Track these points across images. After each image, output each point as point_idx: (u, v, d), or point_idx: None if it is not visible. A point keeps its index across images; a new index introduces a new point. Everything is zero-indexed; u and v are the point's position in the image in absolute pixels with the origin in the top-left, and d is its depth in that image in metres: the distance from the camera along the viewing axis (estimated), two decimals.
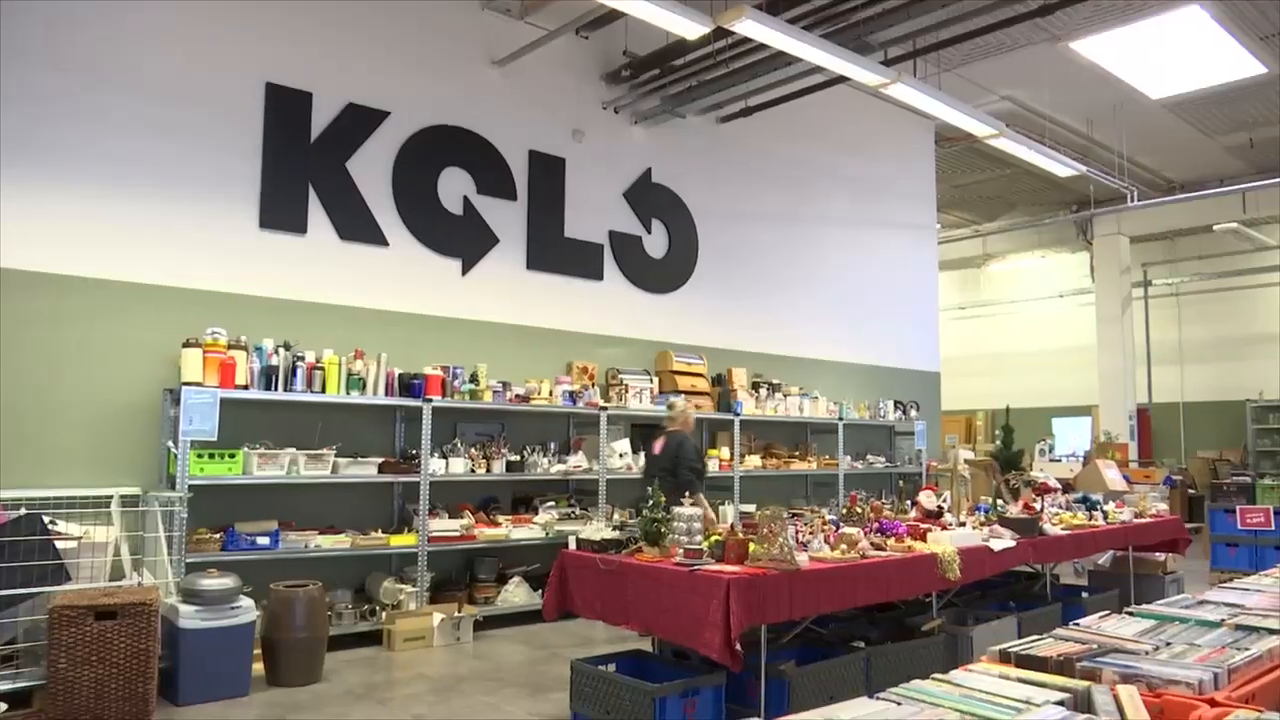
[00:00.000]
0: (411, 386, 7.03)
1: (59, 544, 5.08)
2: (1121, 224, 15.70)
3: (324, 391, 6.57)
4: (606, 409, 8.11)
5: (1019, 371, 18.26)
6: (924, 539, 5.25)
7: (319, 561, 6.52)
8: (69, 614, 4.51)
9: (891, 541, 5.09)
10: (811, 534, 4.82)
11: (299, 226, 6.99)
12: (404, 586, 6.76)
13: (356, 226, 7.28)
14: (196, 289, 6.49)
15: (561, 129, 8.66)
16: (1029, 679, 1.79)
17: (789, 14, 7.37)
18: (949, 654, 5.23)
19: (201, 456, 5.94)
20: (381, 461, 6.86)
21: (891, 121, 11.76)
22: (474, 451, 7.35)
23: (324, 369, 6.59)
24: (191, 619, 5.06)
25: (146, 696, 4.63)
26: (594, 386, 8.28)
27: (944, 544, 5.15)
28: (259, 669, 5.48)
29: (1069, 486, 8.89)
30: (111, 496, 5.75)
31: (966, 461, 10.96)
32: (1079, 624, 2.26)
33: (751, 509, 8.23)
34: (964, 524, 5.84)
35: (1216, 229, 15.11)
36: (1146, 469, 13.23)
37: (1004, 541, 5.60)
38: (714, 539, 4.57)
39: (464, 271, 7.90)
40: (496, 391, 7.53)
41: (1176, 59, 10.05)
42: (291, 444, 6.45)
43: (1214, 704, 1.55)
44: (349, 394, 6.70)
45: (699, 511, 4.59)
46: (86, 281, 6.03)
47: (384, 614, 6.56)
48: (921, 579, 4.98)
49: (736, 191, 10.13)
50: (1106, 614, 2.38)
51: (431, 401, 7.03)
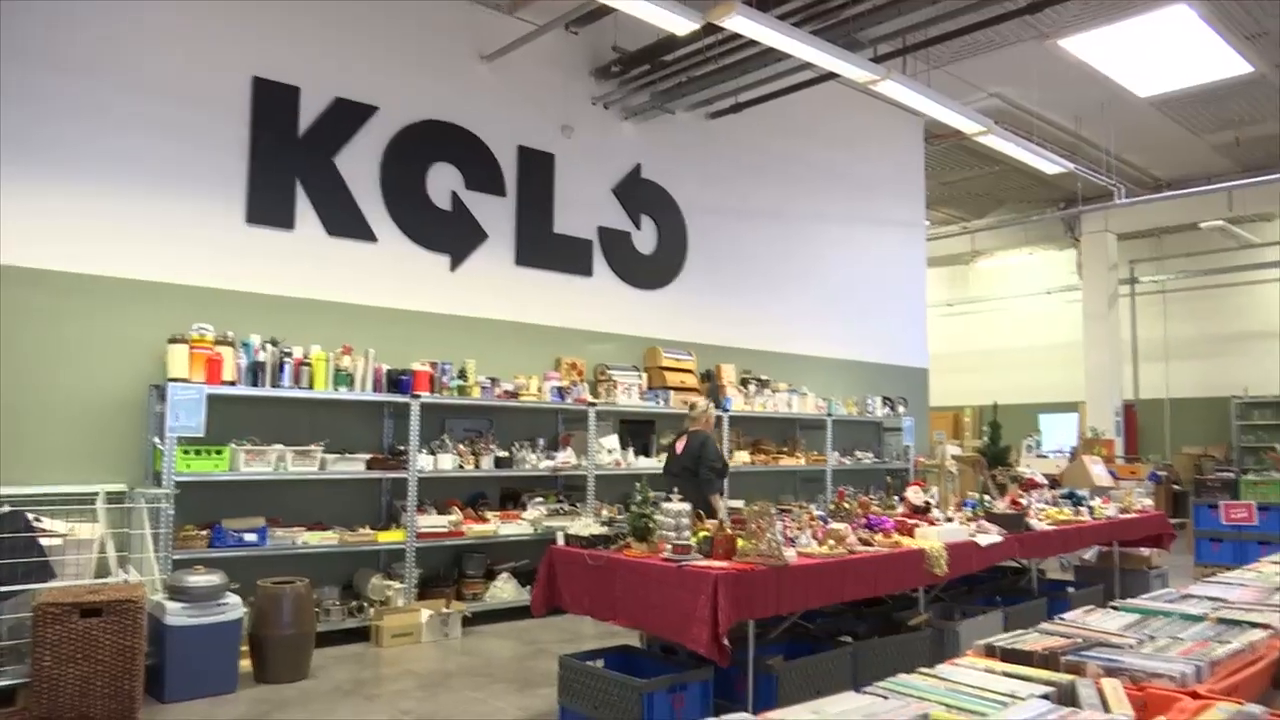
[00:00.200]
0: (400, 382, 7.01)
1: (44, 541, 5.06)
2: (1109, 221, 15.76)
3: (311, 388, 6.55)
4: (595, 405, 8.11)
5: (1006, 368, 18.31)
6: (911, 534, 5.28)
7: (306, 558, 6.50)
8: (54, 611, 4.49)
9: (879, 537, 5.11)
10: (799, 529, 4.83)
11: (286, 222, 6.96)
12: (392, 583, 6.75)
13: (344, 222, 7.25)
14: (183, 284, 6.45)
15: (551, 124, 8.65)
16: (1014, 673, 1.80)
17: (779, 10, 7.36)
18: (935, 648, 5.25)
19: (188, 453, 5.92)
20: (370, 458, 6.84)
21: (881, 118, 11.78)
22: (462, 447, 7.34)
23: (311, 365, 6.57)
24: (178, 616, 5.04)
25: (132, 694, 4.61)
26: (583, 382, 8.27)
27: (931, 539, 5.17)
28: (246, 666, 5.47)
29: (1055, 482, 8.94)
30: (97, 493, 5.71)
31: (954, 457, 11.02)
32: (1064, 618, 2.27)
33: (740, 504, 8.24)
34: (951, 520, 5.86)
35: (1203, 226, 15.19)
36: (1132, 465, 13.30)
37: (991, 537, 5.64)
38: (702, 535, 4.58)
39: (453, 267, 7.88)
40: (485, 387, 7.52)
41: (1164, 57, 10.09)
42: (279, 440, 6.43)
43: (1196, 696, 1.56)
44: (337, 390, 6.68)
45: (687, 507, 4.59)
46: (71, 277, 5.99)
47: (372, 610, 6.55)
48: (908, 574, 5.00)
49: (726, 188, 10.13)
50: (1091, 609, 2.39)
51: (420, 397, 7.01)
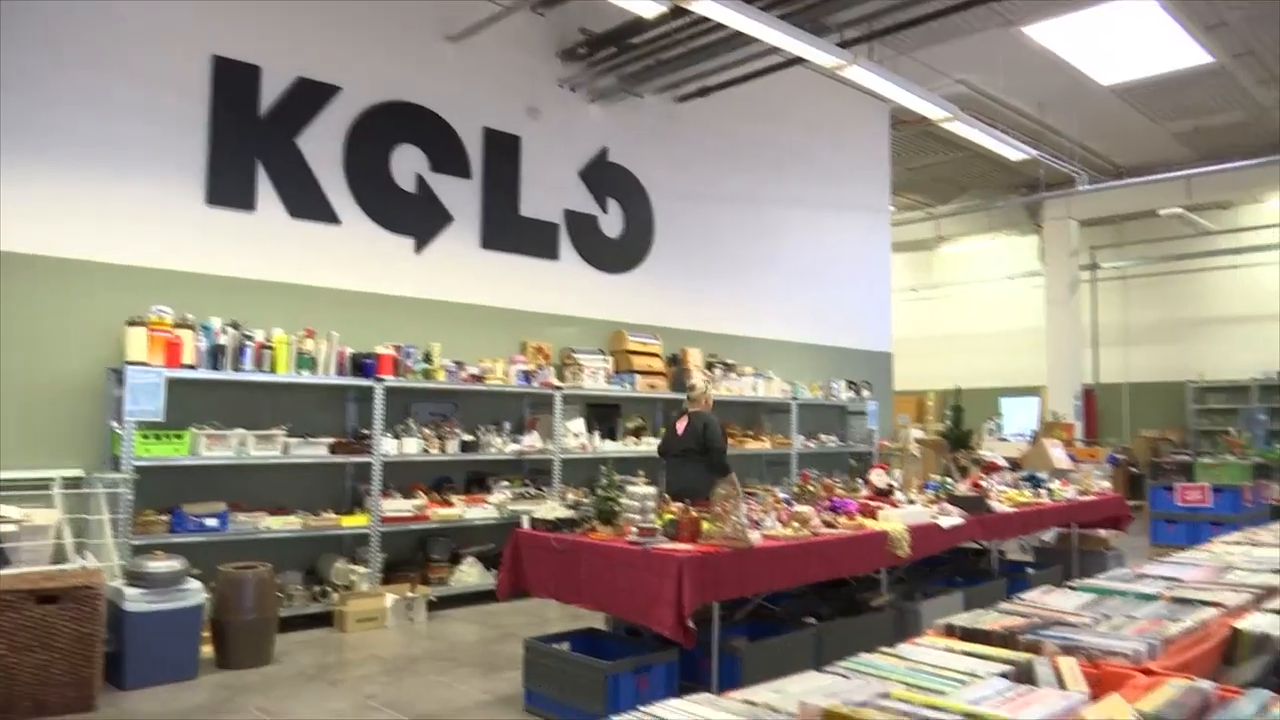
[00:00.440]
0: (364, 366, 6.95)
1: None
2: (1071, 208, 15.96)
3: (274, 371, 6.47)
4: (561, 389, 8.08)
5: (969, 352, 18.52)
6: (874, 517, 5.33)
7: (269, 543, 6.43)
8: (9, 599, 4.41)
9: (843, 519, 5.16)
10: (764, 512, 4.87)
11: (247, 203, 6.85)
12: (356, 567, 6.70)
13: (307, 203, 7.15)
14: (141, 266, 6.33)
15: (517, 107, 8.57)
16: (973, 652, 1.82)
17: None
18: (898, 629, 5.31)
19: (147, 437, 5.83)
20: (333, 442, 6.77)
21: (848, 104, 11.81)
22: (427, 431, 7.29)
23: (274, 348, 6.48)
24: (137, 602, 4.97)
25: (91, 681, 4.55)
26: (549, 366, 8.24)
27: (894, 522, 5.23)
28: (208, 652, 5.41)
29: (1016, 465, 9.07)
30: (53, 479, 5.61)
31: (917, 441, 11.14)
32: (1022, 598, 2.30)
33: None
34: (913, 502, 5.93)
35: (1162, 213, 15.44)
36: (1091, 448, 13.53)
37: (952, 519, 5.71)
38: (668, 518, 4.59)
39: (417, 250, 7.80)
40: (450, 371, 7.47)
41: (1127, 46, 10.21)
42: (240, 424, 6.34)
43: (1149, 673, 1.59)
44: (299, 373, 6.60)
45: (653, 491, 4.61)
46: (26, 259, 5.85)
47: (336, 595, 6.50)
48: (872, 556, 5.06)
49: (693, 172, 10.11)
50: (1049, 589, 2.43)
51: (384, 381, 6.95)
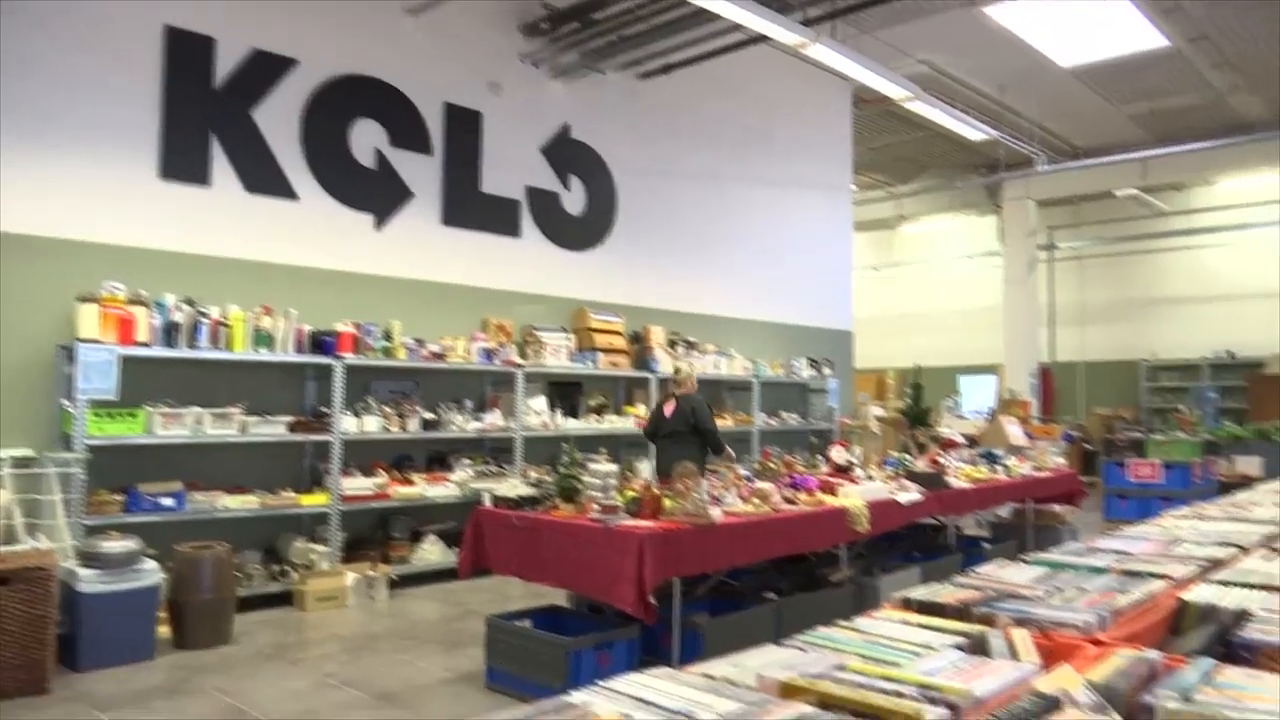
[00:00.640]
0: (323, 344, 6.86)
1: None
2: (1029, 188, 16.14)
3: (230, 349, 6.36)
4: (523, 366, 8.05)
5: (929, 330, 18.71)
6: (834, 493, 5.38)
7: (227, 523, 6.35)
8: None
9: (803, 496, 5.21)
10: (725, 489, 4.90)
11: (202, 178, 6.71)
12: (316, 546, 6.65)
13: (263, 178, 7.02)
14: (93, 242, 6.18)
15: (478, 82, 8.46)
16: (929, 624, 1.84)
17: None
18: (857, 603, 5.38)
19: (100, 416, 5.72)
20: (292, 420, 6.69)
21: (811, 83, 11.81)
22: (388, 409, 7.23)
23: (230, 326, 6.38)
24: (91, 583, 4.89)
25: (43, 663, 4.48)
26: (510, 344, 8.20)
27: (853, 498, 5.29)
28: (166, 632, 5.34)
29: (974, 442, 9.20)
30: (2, 459, 5.49)
31: (877, 418, 11.26)
32: (978, 572, 2.33)
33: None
34: (873, 478, 6.00)
35: (1118, 194, 15.67)
36: (1047, 425, 13.76)
37: (911, 495, 5.78)
38: (629, 495, 4.60)
39: (377, 226, 7.70)
40: (411, 349, 7.41)
41: (1085, 28, 10.30)
42: (196, 403, 6.24)
43: (1099, 644, 1.62)
44: (257, 351, 6.51)
45: (615, 468, 4.62)
46: None
47: (296, 575, 6.45)
48: (831, 532, 5.12)
49: (656, 150, 10.07)
50: (1004, 563, 2.47)
51: (344, 359, 6.88)
